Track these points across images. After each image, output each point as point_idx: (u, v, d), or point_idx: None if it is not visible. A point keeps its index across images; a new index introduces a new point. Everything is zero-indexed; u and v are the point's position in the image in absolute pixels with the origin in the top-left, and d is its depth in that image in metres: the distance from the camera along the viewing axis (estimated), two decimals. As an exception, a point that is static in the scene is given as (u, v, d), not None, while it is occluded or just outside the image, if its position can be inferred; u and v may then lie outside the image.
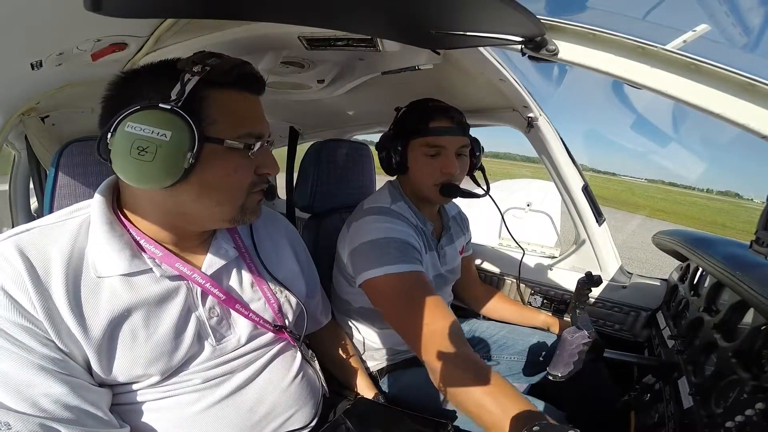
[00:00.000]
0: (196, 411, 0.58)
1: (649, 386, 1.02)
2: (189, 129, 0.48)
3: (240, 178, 0.56)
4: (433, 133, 0.94)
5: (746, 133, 0.50)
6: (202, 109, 0.51)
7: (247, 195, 0.58)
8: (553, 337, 1.16)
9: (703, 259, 1.04)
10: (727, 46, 0.67)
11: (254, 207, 0.61)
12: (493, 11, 0.54)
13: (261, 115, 0.60)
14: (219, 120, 0.53)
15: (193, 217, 0.57)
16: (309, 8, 0.56)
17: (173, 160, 0.48)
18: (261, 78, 0.59)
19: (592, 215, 1.36)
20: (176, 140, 0.47)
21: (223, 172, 0.54)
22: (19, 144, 1.20)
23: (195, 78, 0.50)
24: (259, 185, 0.60)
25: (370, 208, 0.97)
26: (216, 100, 0.53)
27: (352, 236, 0.93)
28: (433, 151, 0.95)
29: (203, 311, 0.59)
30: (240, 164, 0.55)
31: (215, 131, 0.52)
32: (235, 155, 0.55)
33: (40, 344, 0.46)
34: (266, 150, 0.60)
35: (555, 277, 1.46)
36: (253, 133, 0.56)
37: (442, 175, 0.95)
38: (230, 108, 0.54)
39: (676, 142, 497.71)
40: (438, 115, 0.94)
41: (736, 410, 0.64)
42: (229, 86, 0.54)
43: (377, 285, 0.83)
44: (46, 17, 0.54)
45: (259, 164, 0.58)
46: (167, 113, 0.48)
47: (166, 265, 0.57)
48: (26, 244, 0.50)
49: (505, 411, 0.57)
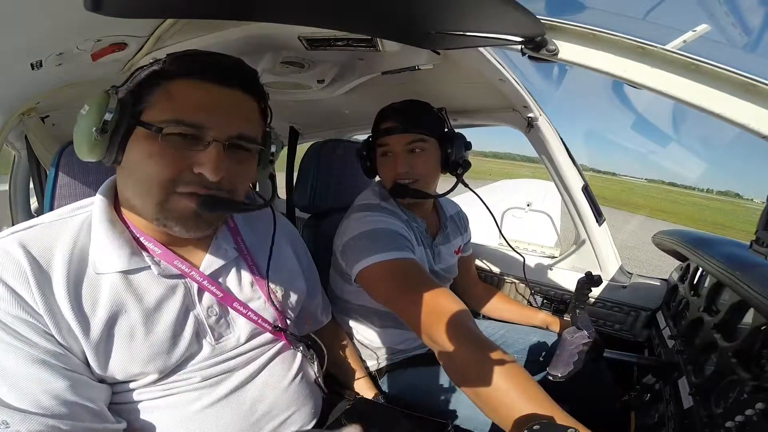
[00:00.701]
0: (194, 410, 0.58)
1: (649, 386, 1.02)
2: (103, 105, 0.50)
3: (154, 168, 0.50)
4: (382, 133, 0.97)
5: (746, 133, 0.50)
6: (148, 95, 0.52)
7: (165, 192, 0.52)
8: (554, 337, 1.16)
9: (703, 259, 1.04)
10: (727, 46, 0.67)
11: (181, 213, 0.53)
12: (493, 11, 0.54)
13: (208, 105, 0.52)
14: (155, 105, 0.52)
15: (136, 209, 0.56)
16: (309, 8, 0.56)
17: (84, 131, 0.51)
18: (231, 69, 0.55)
19: (592, 215, 1.36)
20: (89, 114, 0.50)
21: (138, 156, 0.52)
22: (19, 144, 1.20)
23: (152, 68, 0.53)
24: (187, 185, 0.52)
25: (359, 205, 0.99)
26: (164, 88, 0.52)
27: (343, 233, 0.94)
28: (383, 151, 0.99)
29: (202, 310, 0.59)
30: (153, 150, 0.50)
31: (147, 116, 0.52)
32: (151, 140, 0.51)
33: (41, 338, 0.47)
34: (214, 149, 0.52)
35: (555, 277, 1.46)
36: (180, 119, 0.50)
37: (398, 176, 0.96)
38: (172, 95, 0.52)
39: (676, 142, 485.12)
40: (389, 116, 0.98)
41: (736, 410, 0.64)
42: (183, 76, 0.53)
43: (371, 274, 0.81)
44: (46, 17, 0.54)
45: (197, 161, 0.52)
46: (101, 93, 0.51)
47: (166, 263, 0.57)
48: (28, 240, 0.50)
49: (519, 391, 0.54)
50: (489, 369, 0.56)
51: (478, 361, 0.59)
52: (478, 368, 0.58)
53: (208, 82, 0.53)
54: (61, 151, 0.69)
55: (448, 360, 0.64)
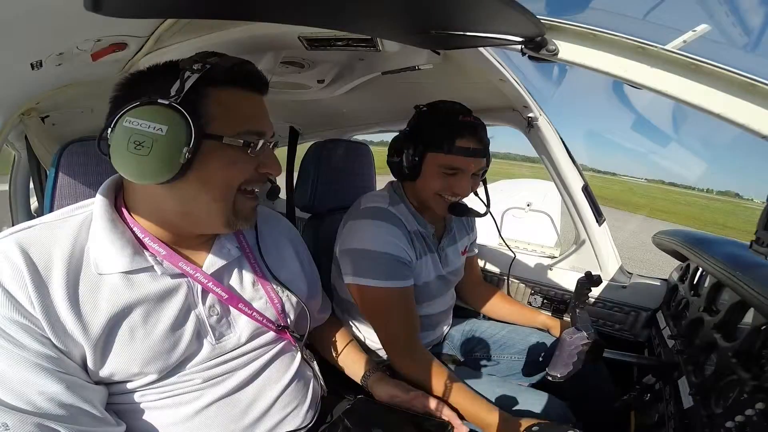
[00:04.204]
0: (194, 409, 0.58)
1: (649, 386, 1.02)
2: (186, 124, 0.49)
3: (235, 174, 0.56)
4: (458, 153, 0.88)
5: (746, 133, 0.50)
6: (202, 107, 0.52)
7: (235, 194, 0.57)
8: (553, 337, 1.16)
9: (703, 259, 1.04)
10: (727, 46, 0.67)
11: (248, 212, 0.60)
12: (493, 11, 0.54)
13: (263, 113, 0.60)
14: (218, 117, 0.53)
15: (192, 217, 0.57)
16: (309, 8, 0.56)
17: (169, 154, 0.48)
18: (263, 77, 0.59)
19: (592, 215, 1.36)
20: (172, 135, 0.48)
21: (220, 166, 0.54)
22: (19, 144, 1.20)
23: (195, 75, 0.51)
24: (256, 184, 0.60)
25: (367, 208, 0.96)
26: (216, 97, 0.53)
27: (346, 235, 0.94)
28: (450, 167, 0.90)
29: (203, 309, 0.59)
30: (238, 160, 0.55)
31: (214, 128, 0.52)
32: (234, 152, 0.55)
33: (36, 342, 0.46)
34: (268, 149, 0.60)
35: (555, 277, 1.46)
36: (252, 130, 0.56)
37: (453, 195, 0.93)
38: (230, 105, 0.54)
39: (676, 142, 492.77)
40: (467, 134, 0.88)
41: (736, 410, 0.64)
42: (229, 84, 0.55)
43: (363, 292, 0.91)
44: (46, 17, 0.54)
45: (260, 163, 0.58)
46: (165, 108, 0.49)
47: (168, 263, 0.57)
48: (28, 241, 0.50)
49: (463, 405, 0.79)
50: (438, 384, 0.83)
51: (428, 380, 0.83)
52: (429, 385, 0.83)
53: (250, 91, 0.58)
54: (61, 151, 0.69)
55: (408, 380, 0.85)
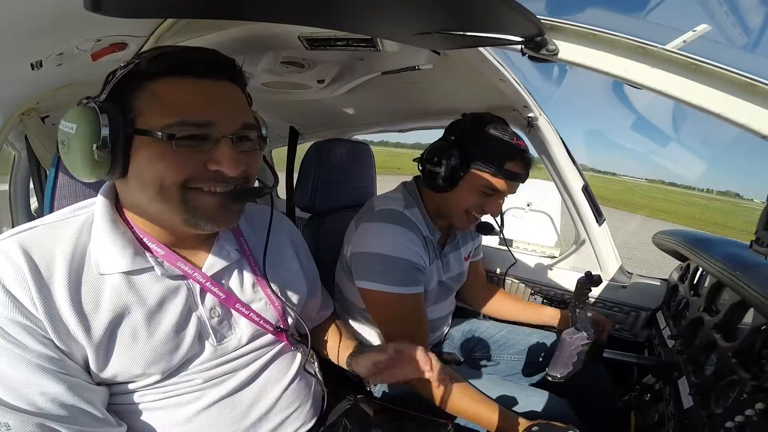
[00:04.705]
0: (195, 410, 0.58)
1: (649, 386, 1.02)
2: (94, 121, 0.47)
3: (167, 171, 0.50)
4: (505, 176, 0.88)
5: (746, 133, 0.50)
6: (132, 101, 0.50)
7: (183, 190, 0.51)
8: (553, 337, 1.16)
9: (703, 259, 1.04)
10: (727, 46, 0.67)
11: (209, 211, 0.53)
12: (493, 11, 0.54)
13: (208, 101, 0.51)
14: (147, 110, 0.50)
15: (153, 216, 0.56)
16: (309, 8, 0.56)
17: (81, 152, 0.48)
18: (210, 60, 0.52)
19: (592, 215, 1.36)
20: (80, 132, 0.48)
21: (147, 163, 0.50)
22: (19, 144, 1.20)
23: (120, 72, 0.50)
24: (208, 182, 0.52)
25: (382, 211, 0.94)
26: (148, 90, 0.50)
27: (360, 238, 0.92)
28: (491, 191, 0.90)
29: (204, 311, 0.59)
30: (165, 155, 0.49)
31: (142, 122, 0.49)
32: (162, 147, 0.49)
33: (38, 343, 0.46)
34: (223, 143, 0.51)
35: (555, 277, 1.46)
36: (188, 121, 0.49)
37: (482, 213, 0.94)
38: (163, 96, 0.50)
39: (676, 142, 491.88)
40: (517, 159, 0.88)
41: (736, 410, 0.64)
42: (166, 74, 0.50)
43: (374, 297, 0.90)
44: (46, 17, 0.54)
45: (209, 159, 0.51)
46: (82, 108, 0.49)
47: (169, 264, 0.57)
48: (29, 242, 0.50)
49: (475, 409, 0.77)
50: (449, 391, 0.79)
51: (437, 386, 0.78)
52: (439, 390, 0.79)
53: (195, 78, 0.51)
54: (61, 151, 0.69)
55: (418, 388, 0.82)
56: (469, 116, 0.94)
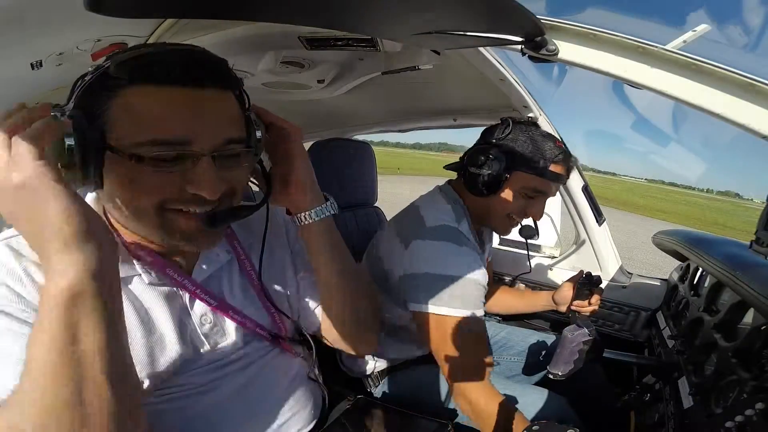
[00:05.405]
0: (190, 416, 0.57)
1: (649, 386, 1.02)
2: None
3: (138, 194, 0.46)
4: (550, 177, 0.88)
5: (746, 133, 0.50)
6: (105, 111, 0.44)
7: (160, 213, 0.47)
8: (553, 338, 1.16)
9: (703, 259, 1.04)
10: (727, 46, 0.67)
11: (185, 231, 0.49)
12: (492, 11, 0.54)
13: (185, 114, 0.45)
14: (117, 124, 0.44)
15: (134, 230, 0.53)
16: (309, 8, 0.56)
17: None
18: (194, 63, 0.46)
19: (592, 215, 1.36)
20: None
21: (118, 184, 0.45)
22: (19, 144, 1.20)
23: (88, 78, 0.45)
24: (186, 204, 0.48)
25: (437, 228, 0.87)
26: (121, 99, 0.44)
27: (415, 257, 0.85)
28: (535, 194, 0.89)
29: (195, 318, 0.58)
30: (136, 178, 0.45)
31: (113, 138, 0.43)
32: (132, 168, 0.44)
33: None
34: (201, 163, 0.46)
35: (555, 277, 1.46)
36: (160, 139, 0.44)
37: (524, 217, 0.93)
38: (132, 109, 0.44)
39: (676, 142, 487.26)
40: (561, 161, 0.89)
41: (736, 410, 0.64)
42: (141, 81, 0.44)
43: (433, 321, 0.82)
44: (46, 17, 0.54)
45: (187, 180, 0.46)
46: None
47: (157, 271, 0.56)
48: (18, 246, 0.49)
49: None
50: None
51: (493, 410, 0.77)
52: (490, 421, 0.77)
53: (173, 86, 0.44)
54: (61, 151, 0.69)
55: (470, 413, 0.81)
56: (510, 120, 0.93)
